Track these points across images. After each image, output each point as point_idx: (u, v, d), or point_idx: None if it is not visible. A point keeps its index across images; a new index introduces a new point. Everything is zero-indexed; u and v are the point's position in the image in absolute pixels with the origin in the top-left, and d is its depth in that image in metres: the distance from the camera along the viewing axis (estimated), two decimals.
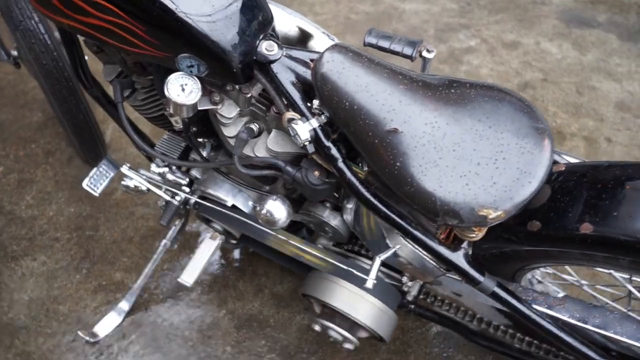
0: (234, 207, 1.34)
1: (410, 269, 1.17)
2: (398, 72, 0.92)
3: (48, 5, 0.90)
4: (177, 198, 1.43)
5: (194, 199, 1.39)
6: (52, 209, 1.89)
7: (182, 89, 0.97)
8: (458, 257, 0.96)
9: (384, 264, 1.20)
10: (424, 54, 1.29)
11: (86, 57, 1.24)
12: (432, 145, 0.88)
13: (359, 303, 1.23)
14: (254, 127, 1.09)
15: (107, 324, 1.59)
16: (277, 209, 1.00)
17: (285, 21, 1.06)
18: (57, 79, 1.48)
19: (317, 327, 1.30)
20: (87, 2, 0.84)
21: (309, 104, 0.96)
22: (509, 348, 1.33)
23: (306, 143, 0.94)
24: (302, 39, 1.08)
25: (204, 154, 1.25)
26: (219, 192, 1.35)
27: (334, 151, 0.95)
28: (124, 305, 1.61)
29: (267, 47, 0.95)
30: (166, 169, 1.45)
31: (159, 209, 1.53)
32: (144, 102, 1.18)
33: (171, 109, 1.00)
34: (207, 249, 1.38)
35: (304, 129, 0.93)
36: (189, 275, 1.35)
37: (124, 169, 1.41)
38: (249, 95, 1.03)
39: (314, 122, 0.94)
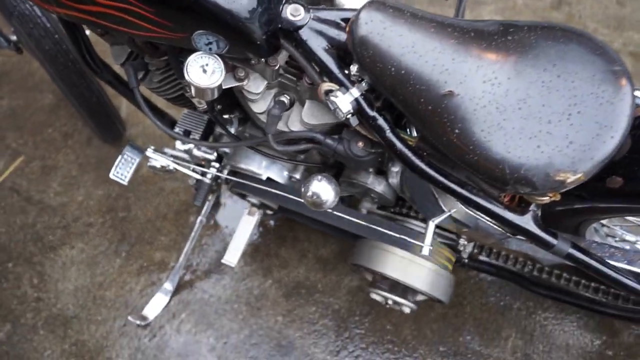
0: (268, 180, 1.27)
1: (468, 232, 1.09)
2: (446, 24, 0.80)
3: None
4: (208, 176, 1.36)
5: (224, 175, 1.32)
6: (81, 193, 1.85)
7: (204, 70, 0.87)
8: (527, 221, 0.88)
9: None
10: None
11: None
12: (494, 106, 0.77)
13: (413, 269, 1.17)
14: (285, 99, 0.99)
15: (155, 306, 1.58)
16: (324, 190, 0.92)
17: None
18: (63, 63, 1.38)
19: (373, 296, 1.26)
20: None
21: (346, 71, 0.85)
22: (574, 297, 1.27)
23: (348, 116, 0.85)
24: None
25: (232, 130, 1.16)
26: (251, 166, 1.27)
27: (380, 121, 0.85)
28: (169, 286, 1.59)
29: (292, 12, 0.83)
30: (191, 145, 1.37)
31: (189, 184, 1.47)
32: (160, 83, 1.09)
33: (193, 92, 0.91)
34: (247, 226, 1.32)
35: (345, 101, 0.83)
36: (232, 255, 1.31)
37: (149, 152, 1.33)
38: (276, 67, 0.92)
39: (355, 92, 0.84)
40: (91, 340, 1.57)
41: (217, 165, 1.36)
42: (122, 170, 1.28)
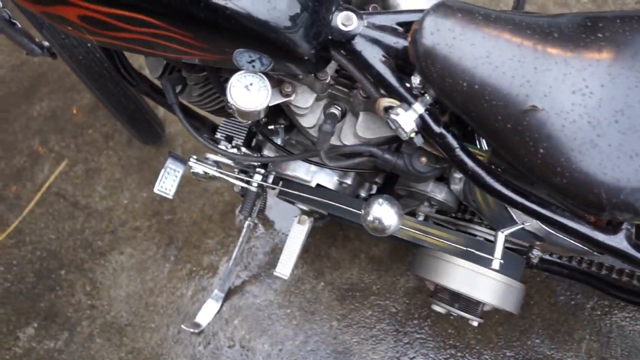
0: (318, 187, 1.19)
1: (543, 245, 0.99)
2: (524, 25, 0.69)
3: (71, 24, 0.72)
4: (253, 183, 1.29)
5: (270, 183, 1.25)
6: (125, 196, 1.83)
7: (248, 89, 0.78)
8: (620, 241, 0.77)
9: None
10: None
11: None
12: (585, 120, 0.66)
13: (482, 281, 1.08)
14: (336, 111, 0.90)
15: (207, 312, 1.55)
16: (387, 215, 0.84)
17: None
18: (98, 72, 1.32)
19: (436, 308, 1.18)
20: (118, 18, 0.66)
21: (407, 84, 0.75)
22: None
23: (412, 135, 0.75)
24: None
25: (279, 141, 1.08)
26: (299, 172, 1.20)
27: (448, 139, 0.75)
28: (220, 292, 1.56)
29: (343, 21, 0.73)
30: (235, 149, 1.31)
31: (234, 190, 1.41)
32: (200, 97, 1.01)
33: (236, 114, 0.83)
34: (299, 236, 1.25)
35: (409, 120, 0.74)
36: (285, 267, 1.24)
37: (192, 163, 1.27)
38: (327, 81, 0.83)
39: (419, 107, 0.74)
40: (147, 348, 1.56)
41: (262, 171, 1.30)
42: (166, 183, 1.23)
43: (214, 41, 0.71)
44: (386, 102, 0.76)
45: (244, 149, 1.29)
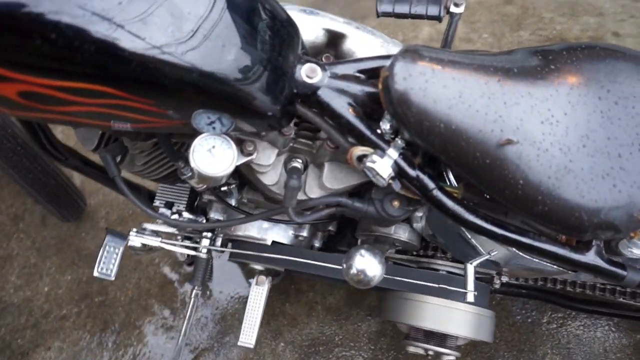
0: (274, 244, 1.13)
1: (511, 271, 1.01)
2: (485, 63, 0.71)
3: (4, 102, 0.63)
4: (203, 250, 1.21)
5: (218, 247, 1.17)
6: (46, 283, 1.63)
7: (211, 153, 0.73)
8: (594, 258, 0.80)
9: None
10: (452, 9, 1.07)
11: None
12: (557, 148, 0.69)
13: (455, 316, 1.07)
14: (298, 164, 0.87)
15: None
16: (370, 266, 0.81)
17: (307, 25, 0.81)
18: (11, 149, 1.19)
19: (411, 350, 1.15)
20: (71, 92, 0.58)
21: (378, 130, 0.74)
22: (613, 307, 1.22)
23: (390, 181, 0.74)
24: (332, 42, 0.84)
25: (233, 202, 1.02)
26: (251, 232, 1.14)
27: (425, 181, 0.74)
28: None
29: (308, 74, 0.71)
30: (176, 216, 1.22)
31: (177, 257, 1.31)
32: (145, 166, 0.94)
33: (196, 179, 0.77)
34: (259, 298, 1.18)
35: (385, 166, 0.72)
36: (249, 335, 1.16)
37: (132, 236, 1.17)
38: (291, 135, 0.80)
39: (393, 153, 0.73)
40: None
41: (209, 235, 1.22)
42: (107, 264, 1.11)
43: (176, 106, 0.66)
44: (359, 150, 0.74)
45: (187, 215, 1.21)
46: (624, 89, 0.71)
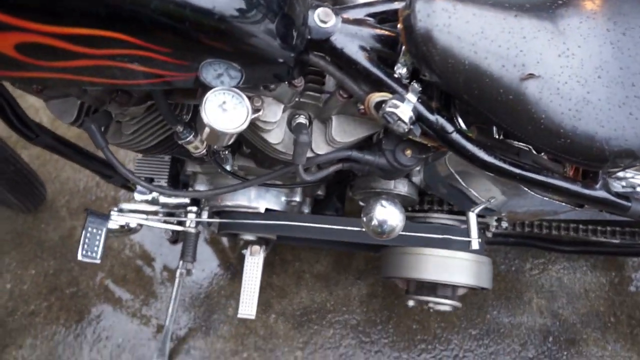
0: (267, 211, 1.10)
1: (510, 216, 1.03)
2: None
3: None
4: (190, 224, 1.15)
5: (206, 219, 1.12)
6: (7, 280, 1.51)
7: (223, 109, 0.68)
8: (602, 192, 0.82)
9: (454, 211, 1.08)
10: None
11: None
12: (574, 80, 0.69)
13: (455, 265, 1.09)
14: (303, 120, 0.84)
15: None
16: (392, 216, 0.79)
17: None
18: None
19: (411, 303, 1.16)
20: (79, 41, 0.51)
21: (395, 75, 0.72)
22: (599, 245, 1.27)
23: (412, 126, 0.72)
24: None
25: (228, 167, 0.97)
26: (241, 201, 1.10)
27: (445, 124, 0.73)
28: (160, 358, 1.36)
29: (322, 18, 0.68)
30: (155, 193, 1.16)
31: (162, 237, 1.25)
32: (134, 135, 0.87)
33: (205, 137, 0.72)
34: (255, 269, 1.14)
35: (407, 110, 0.70)
36: (248, 306, 1.12)
37: (114, 216, 1.10)
38: (302, 87, 0.76)
39: (412, 97, 0.71)
40: None
41: (194, 209, 1.16)
42: (91, 247, 1.03)
43: (190, 56, 0.60)
44: (377, 96, 0.71)
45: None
46: (629, 20, 0.72)
